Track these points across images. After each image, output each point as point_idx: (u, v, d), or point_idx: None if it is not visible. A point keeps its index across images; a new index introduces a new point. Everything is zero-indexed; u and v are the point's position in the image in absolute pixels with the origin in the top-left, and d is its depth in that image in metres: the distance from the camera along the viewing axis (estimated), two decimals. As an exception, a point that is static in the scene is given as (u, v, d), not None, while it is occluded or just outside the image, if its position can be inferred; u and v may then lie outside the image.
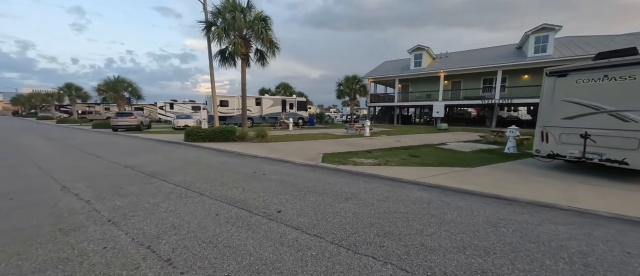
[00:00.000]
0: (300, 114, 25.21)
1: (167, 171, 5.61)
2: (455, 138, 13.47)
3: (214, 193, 4.07)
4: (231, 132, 11.35)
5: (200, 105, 34.87)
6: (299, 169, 5.96)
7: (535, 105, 21.38)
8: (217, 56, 12.44)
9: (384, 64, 29.65)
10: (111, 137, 13.91)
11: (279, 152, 8.32)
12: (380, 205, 3.58)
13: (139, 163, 6.50)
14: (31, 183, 4.64)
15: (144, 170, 5.66)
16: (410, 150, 9.41)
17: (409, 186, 4.63)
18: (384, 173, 5.42)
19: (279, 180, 4.93)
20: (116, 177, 5.11)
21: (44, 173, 5.39)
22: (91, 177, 5.11)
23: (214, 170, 5.70)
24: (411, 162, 6.95)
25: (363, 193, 4.10)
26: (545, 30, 17.14)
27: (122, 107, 22.13)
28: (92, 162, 6.63)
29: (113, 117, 17.37)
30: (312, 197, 3.91)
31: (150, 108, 36.77)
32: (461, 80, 22.74)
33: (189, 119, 19.98)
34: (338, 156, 7.83)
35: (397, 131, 17.90)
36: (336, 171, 5.85)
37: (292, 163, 6.76)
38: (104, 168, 5.95)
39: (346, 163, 6.60)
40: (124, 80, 22.18)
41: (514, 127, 8.75)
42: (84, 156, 7.60)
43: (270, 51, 12.38)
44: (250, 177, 5.11)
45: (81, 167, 6.03)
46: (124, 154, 7.89)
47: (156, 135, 14.44)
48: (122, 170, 5.68)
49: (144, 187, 4.37)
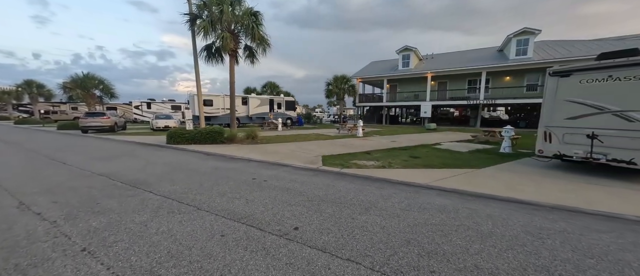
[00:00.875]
0: (289, 114, 24.57)
1: (151, 179, 4.90)
2: (446, 138, 13.60)
3: (212, 206, 3.50)
4: (219, 133, 10.59)
5: (181, 105, 33.08)
6: (301, 174, 5.49)
7: (515, 106, 22.42)
8: (202, 52, 11.60)
9: (372, 64, 29.76)
10: (80, 140, 12.53)
11: (273, 155, 7.79)
12: (406, 215, 3.22)
13: (116, 170, 5.69)
14: (-22, 199, 3.78)
15: (123, 179, 4.90)
16: (408, 150, 9.24)
17: (424, 191, 4.33)
18: (393, 177, 5.11)
19: (283, 187, 4.43)
20: (89, 188, 4.34)
21: (-4, 186, 4.49)
22: (57, 189, 4.30)
23: (207, 177, 5.07)
24: (414, 163, 6.72)
25: (381, 202, 3.73)
26: (526, 34, 17.93)
27: (93, 106, 20.23)
28: (58, 170, 5.70)
29: (82, 117, 15.73)
30: (327, 207, 3.47)
31: (124, 107, 34.27)
32: (447, 81, 23.30)
33: (170, 119, 18.67)
34: (338, 158, 7.45)
35: (388, 131, 17.88)
36: (341, 175, 5.45)
37: (291, 167, 6.27)
38: (74, 177, 5.10)
39: (349, 166, 6.23)
40: (94, 77, 20.29)
41: (509, 127, 8.84)
42: (47, 162, 6.58)
43: (260, 48, 11.75)
44: (251, 185, 4.57)
45: (44, 177, 5.13)
46: (97, 159, 6.95)
47: (133, 137, 13.22)
48: (95, 180, 4.88)
49: (125, 201, 3.69)
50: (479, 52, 23.79)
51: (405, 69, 23.80)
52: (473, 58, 22.20)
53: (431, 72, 21.76)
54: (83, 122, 15.44)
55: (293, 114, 25.11)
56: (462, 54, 24.67)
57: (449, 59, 24.33)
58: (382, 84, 26.15)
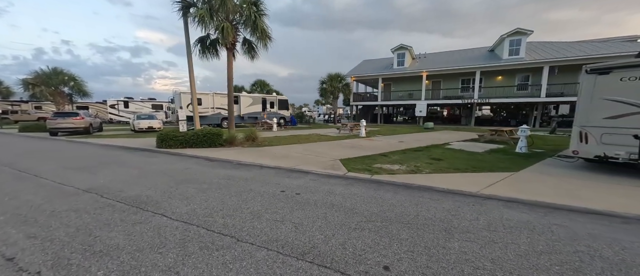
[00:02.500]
0: (282, 113, 23.60)
1: (156, 196, 3.96)
2: (450, 137, 13.44)
3: (254, 234, 2.71)
4: (217, 135, 9.57)
5: (163, 104, 30.91)
6: (332, 183, 4.78)
7: (506, 104, 23.02)
8: (196, 45, 10.44)
9: (364, 63, 29.46)
10: (50, 144, 10.89)
11: (285, 159, 7.00)
12: (501, 239, 2.64)
13: (106, 183, 4.64)
14: None
15: (119, 197, 3.92)
16: (424, 151, 8.83)
17: (488, 202, 3.80)
18: (436, 184, 4.57)
19: (324, 202, 3.71)
20: (77, 212, 3.35)
21: (-59, 212, 3.35)
22: (33, 215, 3.27)
23: (226, 191, 4.22)
24: (442, 167, 6.26)
25: (454, 219, 3.13)
26: (519, 34, 18.37)
27: (62, 105, 18.02)
28: (29, 186, 4.56)
29: (51, 118, 13.79)
30: (399, 231, 2.82)
31: (97, 106, 31.42)
32: (441, 80, 23.49)
33: (153, 120, 17.05)
34: (357, 162, 6.83)
35: (387, 130, 17.55)
36: (378, 183, 4.81)
37: (314, 174, 5.54)
38: (53, 196, 4.02)
39: (377, 172, 5.65)
40: (63, 73, 18.08)
41: (526, 126, 8.68)
42: (13, 175, 5.33)
43: (261, 42, 10.77)
44: (284, 200, 3.80)
45: (12, 196, 4.01)
46: (77, 170, 5.78)
47: (114, 140, 11.74)
48: (83, 199, 3.86)
49: (133, 231, 2.79)
50: (470, 52, 24.24)
51: (400, 67, 23.68)
52: (466, 58, 22.53)
53: (426, 71, 21.78)
54: (52, 124, 13.53)
55: (286, 114, 24.17)
56: (453, 54, 25.03)
57: (441, 58, 24.57)
58: (376, 83, 25.90)
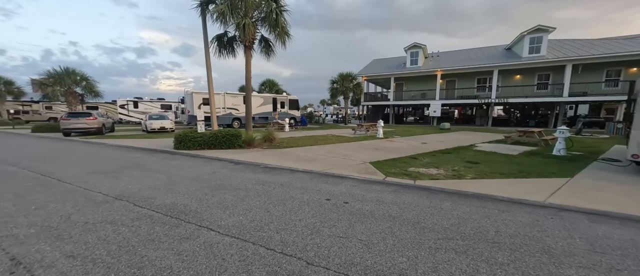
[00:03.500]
0: (292, 114, 23.26)
1: (193, 204, 3.60)
2: (473, 138, 12.92)
3: (323, 255, 2.32)
4: (236, 136, 9.23)
5: (172, 104, 30.85)
6: (376, 190, 4.37)
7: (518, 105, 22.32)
8: (213, 43, 10.13)
9: (374, 62, 28.96)
10: (66, 145, 10.68)
11: (312, 163, 6.62)
12: (623, 265, 2.21)
13: (134, 190, 4.31)
14: (-63, 254, 2.36)
15: (153, 206, 3.57)
16: (454, 154, 8.38)
17: (567, 216, 3.35)
18: (494, 193, 4.15)
19: (381, 213, 3.31)
20: (113, 224, 3.00)
21: (-36, 223, 3.03)
22: (66, 227, 2.93)
23: (267, 199, 3.84)
24: (484, 171, 5.81)
25: (547, 239, 2.70)
26: (540, 31, 17.70)
27: (74, 105, 17.93)
28: (54, 193, 4.24)
29: (64, 118, 13.63)
30: (491, 253, 2.40)
31: (107, 107, 31.48)
32: (456, 79, 22.88)
33: (165, 120, 16.84)
34: (389, 165, 6.43)
35: (403, 131, 17.06)
36: (426, 190, 4.39)
37: (351, 179, 5.15)
38: (82, 204, 3.69)
39: (418, 177, 5.26)
40: (74, 72, 17.99)
41: (564, 127, 8.15)
42: (36, 180, 5.04)
43: (280, 39, 10.42)
44: (335, 210, 3.40)
45: (38, 205, 3.68)
46: (100, 174, 5.46)
47: (128, 141, 11.50)
48: (115, 208, 3.51)
49: (183, 249, 2.42)
50: (486, 50, 23.57)
51: (413, 66, 23.13)
52: (482, 56, 21.89)
53: (441, 70, 21.21)
54: (65, 124, 13.36)
55: (296, 114, 23.81)
56: (468, 52, 24.36)
57: (455, 57, 23.94)
58: (388, 83, 25.39)
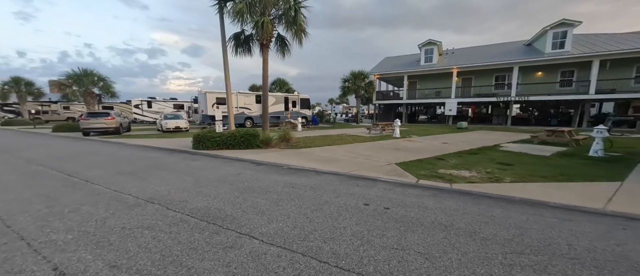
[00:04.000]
0: (304, 113, 23.10)
1: (227, 208, 3.44)
2: (495, 138, 12.42)
3: (386, 272, 2.09)
4: (254, 136, 9.12)
5: (184, 103, 31.26)
6: (414, 194, 4.11)
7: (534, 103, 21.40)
8: (230, 41, 10.04)
9: (386, 60, 28.45)
10: (87, 145, 10.82)
11: (335, 163, 6.42)
12: None
13: (164, 192, 4.19)
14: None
15: (187, 210, 3.43)
16: (480, 155, 8.01)
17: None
18: (540, 198, 3.87)
19: (430, 221, 3.06)
20: (151, 230, 2.86)
21: (1, 225, 2.95)
22: (102, 234, 2.80)
23: (302, 204, 3.64)
24: (522, 173, 5.47)
25: (634, 255, 2.40)
26: (565, 26, 16.88)
27: (92, 105, 18.30)
28: (84, 195, 4.17)
29: (83, 118, 13.89)
30: (575, 272, 2.12)
31: (122, 107, 32.13)
32: (472, 76, 22.18)
33: (180, 120, 16.97)
34: (417, 167, 6.17)
35: (419, 130, 16.63)
36: (467, 195, 4.10)
37: (383, 182, 4.91)
38: (114, 207, 3.59)
39: (452, 179, 5.01)
40: (92, 73, 18.35)
41: (602, 126, 7.64)
42: (63, 181, 5.01)
43: (296, 37, 10.24)
44: (378, 217, 3.17)
45: (71, 208, 3.60)
46: (127, 175, 5.40)
47: (145, 140, 11.57)
48: (148, 211, 3.39)
49: (228, 260, 2.24)
50: (503, 46, 22.74)
51: (428, 64, 22.54)
52: (499, 53, 21.11)
53: (457, 67, 20.58)
54: (85, 124, 13.61)
55: (308, 113, 23.66)
56: (485, 49, 23.56)
57: (471, 53, 23.21)
58: (400, 81, 24.87)
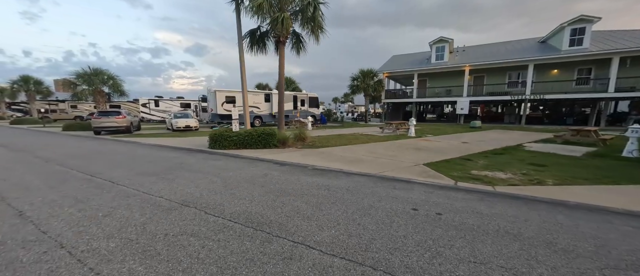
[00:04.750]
0: (312, 112, 22.87)
1: (268, 213, 3.23)
2: (516, 138, 12.09)
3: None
4: (272, 135, 8.92)
5: (190, 102, 31.18)
6: (459, 198, 3.87)
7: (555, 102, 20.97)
8: (246, 38, 9.84)
9: (394, 58, 28.08)
10: (101, 144, 10.71)
11: (360, 164, 6.20)
12: None
13: (195, 194, 3.99)
14: (8, 258, 2.07)
15: (227, 214, 3.22)
16: (507, 155, 7.72)
17: None
18: (603, 204, 3.57)
19: (495, 230, 2.82)
20: (195, 237, 2.65)
21: (36, 230, 2.77)
22: (146, 242, 2.61)
23: (345, 209, 3.42)
24: (563, 176, 5.22)
25: None
26: (583, 22, 16.40)
27: (102, 104, 18.26)
28: (114, 198, 3.99)
29: (95, 117, 13.81)
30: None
31: (129, 105, 32.19)
32: (485, 75, 21.74)
33: (190, 119, 16.85)
34: (446, 167, 5.97)
35: (433, 130, 16.31)
36: (519, 200, 3.85)
37: (420, 184, 4.67)
38: (148, 211, 3.39)
39: (491, 181, 4.76)
40: (102, 72, 18.29)
41: (638, 125, 7.31)
42: (89, 182, 4.84)
43: (313, 34, 10.02)
44: (435, 225, 2.94)
45: (107, 214, 3.42)
46: (151, 175, 5.22)
47: (159, 140, 11.43)
48: (186, 215, 3.19)
49: (293, 272, 2.03)
50: (517, 43, 22.26)
51: (439, 62, 22.14)
52: (513, 50, 20.66)
53: (470, 65, 20.17)
54: (96, 122, 13.53)
55: (316, 112, 23.42)
56: (497, 47, 23.09)
57: (483, 51, 22.76)
58: (409, 79, 24.51)
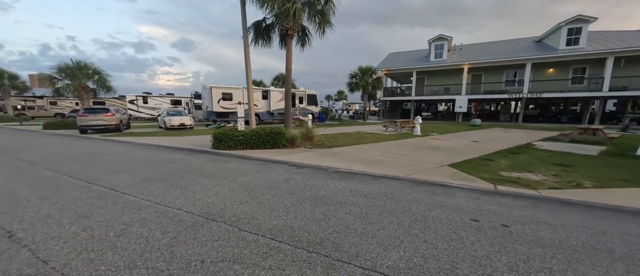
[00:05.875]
0: (311, 109, 22.34)
1: (314, 228, 2.77)
2: (517, 136, 12.09)
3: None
4: (280, 134, 8.41)
5: (181, 99, 29.94)
6: (519, 205, 3.56)
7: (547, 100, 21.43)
8: (250, 30, 9.22)
9: (392, 56, 27.90)
10: (90, 145, 9.82)
11: (380, 166, 5.86)
12: None
13: (218, 205, 3.47)
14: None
15: (263, 230, 2.74)
16: (524, 154, 7.59)
17: None
18: None
19: (580, 245, 2.49)
20: (240, 263, 2.16)
21: (34, 259, 2.20)
22: (178, 270, 2.09)
23: (394, 219, 3.01)
24: (601, 177, 5.02)
25: None
26: (580, 21, 16.69)
27: (87, 100, 17.01)
28: (120, 209, 3.40)
29: (81, 114, 12.73)
30: None
31: (115, 102, 30.54)
32: (482, 73, 21.89)
33: (185, 116, 15.97)
34: (471, 168, 5.73)
35: (435, 128, 16.20)
36: (577, 207, 3.60)
37: (458, 188, 4.35)
38: (170, 228, 2.85)
39: (529, 184, 4.45)
40: (86, 66, 17.01)
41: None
42: (86, 191, 4.19)
43: (320, 28, 9.53)
44: (511, 240, 2.58)
45: (120, 233, 2.85)
46: (157, 181, 4.61)
47: (155, 139, 10.63)
48: (219, 234, 2.67)
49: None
50: (514, 43, 22.53)
51: (438, 60, 22.09)
52: (510, 49, 20.89)
53: (469, 63, 20.22)
54: (83, 121, 12.47)
55: (315, 110, 22.91)
56: (494, 45, 23.31)
57: (480, 50, 22.92)
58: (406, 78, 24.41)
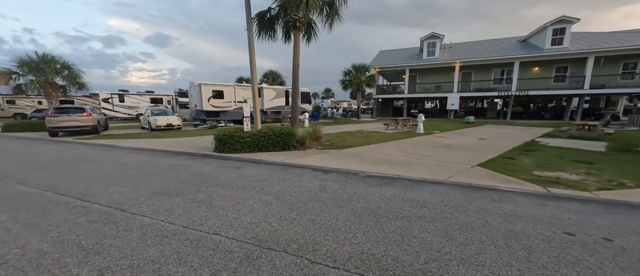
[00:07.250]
0: (304, 108, 21.64)
1: (404, 257, 2.25)
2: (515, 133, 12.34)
3: None
4: (290, 135, 7.76)
5: (162, 97, 27.97)
6: (593, 212, 3.28)
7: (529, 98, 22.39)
8: (254, 21, 8.43)
9: (382, 54, 27.89)
10: (67, 149, 8.51)
11: (406, 167, 5.53)
12: None
13: (263, 226, 2.83)
14: None
15: (339, 261, 2.17)
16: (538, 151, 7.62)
17: None
18: None
19: None
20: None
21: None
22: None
23: (477, 236, 2.57)
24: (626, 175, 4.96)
25: None
26: (564, 22, 17.51)
27: (55, 98, 15.07)
28: (138, 237, 2.64)
29: (50, 115, 11.11)
30: None
31: (86, 100, 27.82)
32: (472, 71, 22.45)
33: (171, 116, 14.68)
34: (502, 168, 5.52)
35: (433, 126, 16.21)
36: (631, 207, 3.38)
37: (510, 192, 4.05)
38: (218, 264, 2.18)
39: (574, 185, 4.28)
40: (54, 60, 15.06)
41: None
42: (83, 213, 3.32)
43: (328, 21, 8.96)
44: (616, 257, 2.23)
45: (143, 272, 2.13)
46: (170, 195, 3.82)
47: (143, 142, 9.48)
48: (285, 270, 2.06)
49: None
50: (501, 42, 23.32)
51: (431, 58, 22.32)
52: (498, 48, 21.58)
53: (460, 62, 20.60)
54: (53, 122, 10.87)
55: (309, 108, 22.25)
56: (482, 44, 24.00)
57: (470, 49, 23.50)
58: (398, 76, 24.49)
